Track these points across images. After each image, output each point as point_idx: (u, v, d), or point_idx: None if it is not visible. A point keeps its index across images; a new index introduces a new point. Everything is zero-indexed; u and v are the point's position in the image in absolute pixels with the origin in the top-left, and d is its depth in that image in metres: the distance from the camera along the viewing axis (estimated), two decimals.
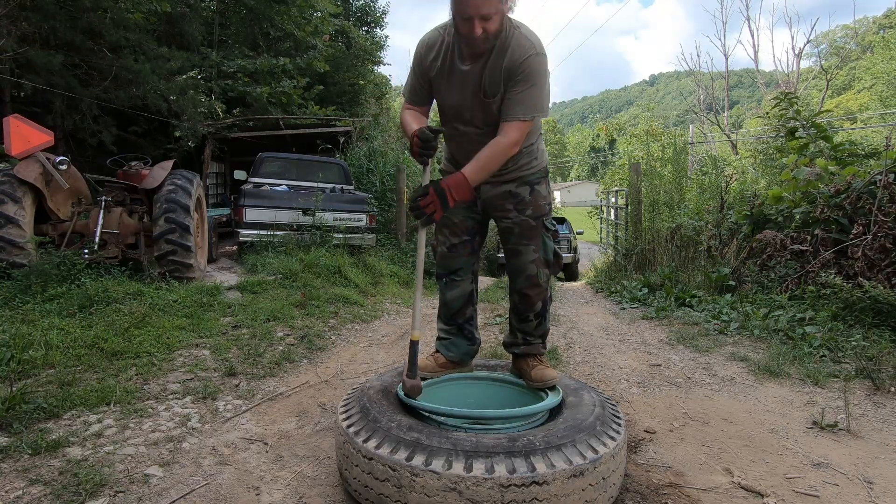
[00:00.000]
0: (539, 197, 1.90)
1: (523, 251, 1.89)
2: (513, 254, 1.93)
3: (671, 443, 1.99)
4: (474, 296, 2.07)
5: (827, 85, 26.57)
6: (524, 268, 1.90)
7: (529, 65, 1.65)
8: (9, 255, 3.96)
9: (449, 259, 1.98)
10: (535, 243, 1.89)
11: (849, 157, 5.17)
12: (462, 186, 1.64)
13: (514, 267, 1.94)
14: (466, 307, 2.04)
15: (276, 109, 10.65)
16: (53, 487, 1.55)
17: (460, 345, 2.03)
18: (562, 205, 45.46)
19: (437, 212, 1.62)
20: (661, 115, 44.23)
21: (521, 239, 1.89)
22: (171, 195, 4.59)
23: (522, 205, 1.88)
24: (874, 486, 1.65)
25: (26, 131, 4.25)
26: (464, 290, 2.01)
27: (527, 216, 1.88)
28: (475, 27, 1.58)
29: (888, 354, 2.78)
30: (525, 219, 1.88)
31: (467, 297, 2.03)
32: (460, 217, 1.93)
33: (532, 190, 1.89)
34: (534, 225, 1.88)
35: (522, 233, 1.89)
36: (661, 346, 3.49)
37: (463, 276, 2.00)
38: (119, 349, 2.80)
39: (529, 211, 1.88)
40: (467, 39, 1.64)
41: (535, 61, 1.66)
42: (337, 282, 5.48)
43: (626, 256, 7.46)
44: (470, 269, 2.03)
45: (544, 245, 1.91)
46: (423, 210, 1.62)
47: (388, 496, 1.35)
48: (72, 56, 7.15)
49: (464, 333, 2.04)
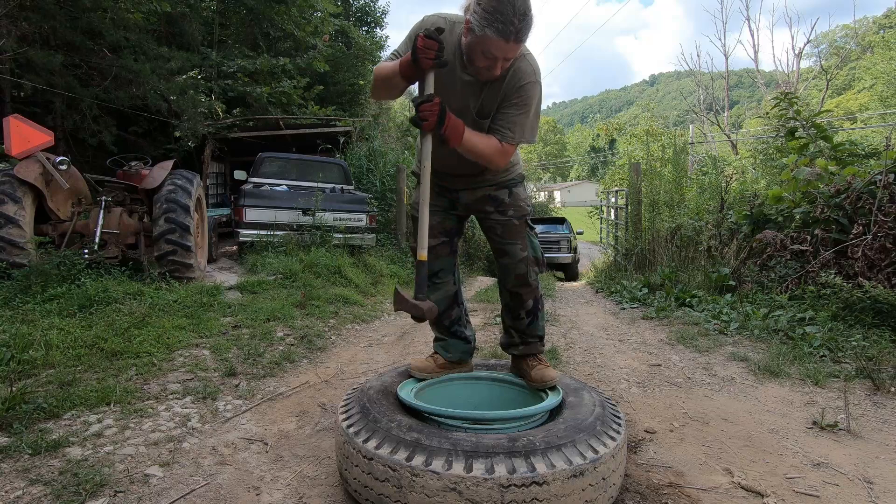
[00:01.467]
0: (518, 199, 1.91)
1: (510, 250, 1.90)
2: (501, 253, 1.93)
3: (671, 443, 1.99)
4: (459, 296, 2.07)
5: (827, 85, 26.58)
6: (514, 267, 1.90)
7: (526, 91, 1.66)
8: (9, 255, 3.96)
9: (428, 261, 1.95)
10: (521, 242, 1.89)
11: (849, 157, 5.16)
12: (457, 130, 1.61)
13: (503, 265, 1.94)
14: (452, 308, 2.04)
15: (276, 109, 10.65)
16: (53, 487, 1.55)
17: (456, 345, 2.04)
18: (562, 205, 45.45)
19: (430, 122, 1.58)
20: (661, 115, 44.23)
21: (505, 237, 1.90)
22: (171, 195, 4.60)
23: (503, 206, 1.89)
24: (874, 486, 1.65)
25: (26, 131, 4.25)
26: (447, 291, 2.01)
27: (509, 216, 1.89)
28: (496, 67, 1.59)
29: (888, 354, 2.78)
30: (507, 219, 1.89)
31: (451, 298, 2.03)
32: (438, 218, 1.92)
33: (511, 192, 1.90)
34: (517, 224, 1.89)
35: (506, 232, 1.90)
36: (661, 346, 3.49)
37: (444, 277, 2.00)
38: (119, 349, 2.80)
39: (511, 211, 1.89)
40: (478, 70, 1.63)
41: (532, 89, 1.67)
42: (337, 282, 5.48)
43: (626, 256, 7.46)
44: (451, 270, 2.02)
45: (532, 243, 1.92)
46: (420, 115, 1.59)
47: (388, 496, 1.35)
48: (72, 56, 7.15)
49: (456, 335, 2.04)
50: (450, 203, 1.96)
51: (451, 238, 1.99)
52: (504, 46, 1.52)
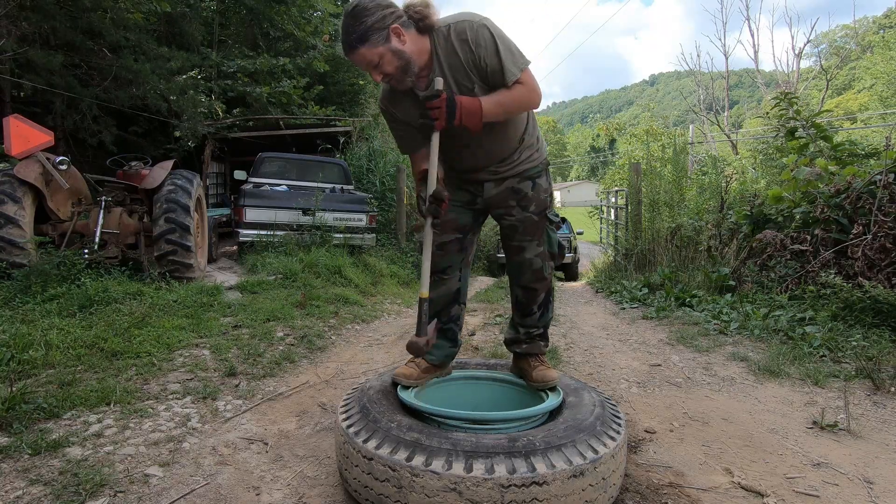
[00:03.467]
0: (541, 191, 1.89)
1: (527, 247, 1.88)
2: (517, 250, 1.91)
3: (671, 443, 1.99)
4: (461, 294, 2.03)
5: (827, 85, 26.59)
6: (530, 262, 1.89)
7: (480, 37, 1.61)
8: (9, 255, 3.96)
9: (437, 257, 1.90)
10: (538, 238, 1.88)
11: (849, 157, 5.16)
12: (475, 111, 1.59)
13: (519, 263, 1.92)
14: (452, 306, 2.00)
15: (276, 109, 10.64)
16: (53, 487, 1.55)
17: (442, 346, 1.96)
18: (562, 205, 45.48)
19: (440, 120, 1.58)
20: (661, 115, 44.25)
21: (525, 235, 1.88)
22: (171, 195, 4.60)
23: (525, 201, 1.86)
24: (874, 486, 1.65)
25: (26, 131, 4.25)
26: (450, 287, 1.97)
27: (530, 212, 1.87)
28: (375, 77, 1.62)
29: (888, 354, 2.78)
30: (528, 215, 1.87)
31: (453, 294, 1.99)
32: (452, 215, 1.88)
33: (534, 185, 1.87)
34: (537, 220, 1.87)
35: (527, 229, 1.87)
36: (661, 346, 3.49)
37: (451, 273, 1.96)
38: (119, 349, 2.80)
39: (533, 207, 1.87)
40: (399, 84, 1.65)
41: (481, 31, 1.61)
42: (337, 282, 5.48)
43: (626, 256, 7.46)
44: (458, 267, 1.98)
45: (549, 238, 1.90)
46: (429, 112, 1.58)
47: (388, 496, 1.35)
48: (72, 56, 7.15)
49: (447, 335, 1.98)
50: (471, 197, 1.91)
51: (464, 235, 1.95)
52: (354, 59, 1.59)
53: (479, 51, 1.61)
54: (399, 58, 1.58)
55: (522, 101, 1.68)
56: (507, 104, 1.65)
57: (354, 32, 1.54)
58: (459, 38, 1.62)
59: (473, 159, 1.82)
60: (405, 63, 1.60)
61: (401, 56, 1.59)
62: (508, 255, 1.96)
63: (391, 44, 1.57)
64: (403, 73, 1.61)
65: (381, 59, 1.57)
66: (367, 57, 1.57)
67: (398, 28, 1.57)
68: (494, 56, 1.61)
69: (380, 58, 1.57)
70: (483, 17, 1.65)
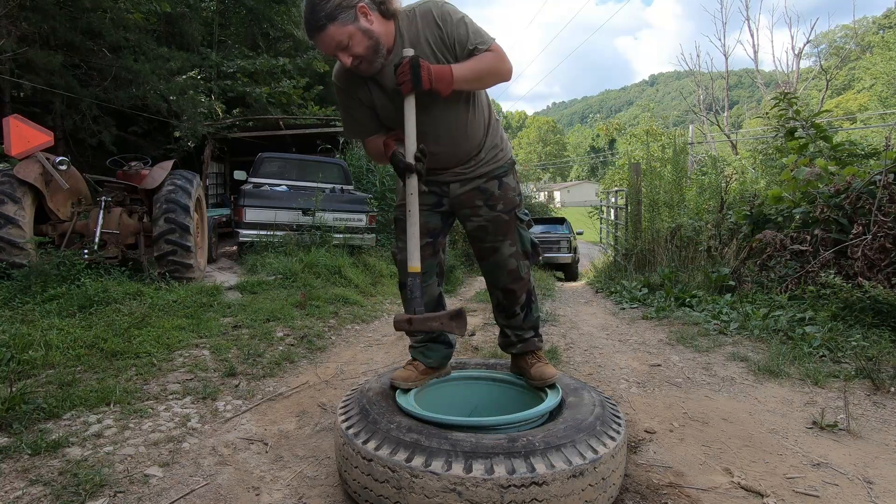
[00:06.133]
0: (508, 189, 1.85)
1: (500, 247, 1.85)
2: (490, 252, 1.87)
3: (671, 443, 1.99)
4: (442, 298, 2.01)
5: (827, 85, 26.57)
6: (504, 263, 1.86)
7: (444, 13, 1.61)
8: (9, 256, 3.96)
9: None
10: (510, 237, 1.85)
11: (848, 157, 5.17)
12: (444, 74, 1.56)
13: (494, 264, 1.88)
14: (437, 311, 1.94)
15: (275, 109, 10.65)
16: (53, 488, 1.55)
17: (437, 349, 1.95)
18: (562, 205, 45.48)
19: (406, 84, 1.55)
20: (661, 116, 44.26)
21: (497, 235, 1.85)
22: (170, 195, 4.60)
23: (493, 200, 1.83)
24: (874, 486, 1.65)
25: (26, 131, 4.25)
26: (431, 294, 1.93)
27: (499, 211, 1.83)
28: (344, 60, 1.58)
29: (888, 354, 2.78)
30: (497, 214, 1.83)
31: (437, 300, 1.97)
32: (422, 219, 1.80)
33: (501, 184, 1.84)
34: (507, 220, 1.84)
35: (498, 229, 1.84)
36: (660, 346, 3.49)
37: (428, 280, 1.91)
38: (119, 349, 2.80)
39: (500, 206, 1.83)
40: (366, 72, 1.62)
41: (445, 8, 1.62)
42: (337, 282, 5.48)
43: (626, 256, 7.47)
44: (434, 272, 1.94)
45: (520, 237, 1.87)
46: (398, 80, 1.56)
47: (388, 497, 1.35)
48: (72, 56, 7.16)
49: (439, 339, 1.96)
50: (437, 199, 1.87)
51: (434, 238, 1.91)
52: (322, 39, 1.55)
53: (446, 27, 1.61)
54: (368, 37, 1.56)
55: (493, 68, 1.64)
56: (478, 69, 1.62)
57: (322, 10, 1.51)
58: (424, 18, 1.62)
59: (435, 160, 1.76)
60: (374, 42, 1.57)
61: (370, 35, 1.56)
62: (483, 257, 1.92)
63: (360, 22, 1.54)
64: (374, 52, 1.58)
65: (350, 38, 1.54)
66: (337, 37, 1.53)
67: (364, 7, 1.55)
68: (461, 27, 1.62)
69: (349, 37, 1.54)
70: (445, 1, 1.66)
